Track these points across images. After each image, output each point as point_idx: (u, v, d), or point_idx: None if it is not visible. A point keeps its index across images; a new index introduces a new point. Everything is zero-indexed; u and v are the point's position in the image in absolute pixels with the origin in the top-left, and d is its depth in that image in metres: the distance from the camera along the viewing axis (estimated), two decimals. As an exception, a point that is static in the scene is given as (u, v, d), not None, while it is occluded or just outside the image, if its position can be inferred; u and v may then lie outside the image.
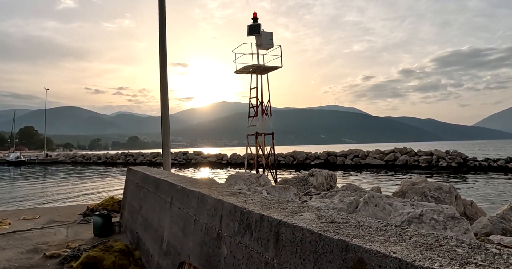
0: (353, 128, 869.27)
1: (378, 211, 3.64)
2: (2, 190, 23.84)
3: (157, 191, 4.80)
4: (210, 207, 3.01)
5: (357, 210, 3.71)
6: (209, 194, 3.14)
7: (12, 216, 8.69)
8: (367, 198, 3.73)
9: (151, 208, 4.98)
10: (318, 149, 59.90)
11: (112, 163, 59.38)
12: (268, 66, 13.77)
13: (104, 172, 40.89)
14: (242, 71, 14.13)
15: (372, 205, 3.67)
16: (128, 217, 6.61)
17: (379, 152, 39.32)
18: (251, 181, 6.66)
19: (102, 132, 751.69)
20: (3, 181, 32.84)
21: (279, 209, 2.42)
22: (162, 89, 9.63)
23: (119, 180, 29.28)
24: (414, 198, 4.95)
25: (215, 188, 3.58)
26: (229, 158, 49.21)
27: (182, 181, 4.27)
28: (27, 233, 6.97)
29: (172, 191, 4.10)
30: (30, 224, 7.80)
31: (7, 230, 7.24)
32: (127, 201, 7.02)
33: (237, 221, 2.53)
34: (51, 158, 72.70)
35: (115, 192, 21.10)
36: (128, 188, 7.11)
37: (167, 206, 4.20)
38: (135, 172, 6.79)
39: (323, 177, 6.80)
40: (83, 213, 8.66)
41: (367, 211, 3.60)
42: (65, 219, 8.22)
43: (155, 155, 57.18)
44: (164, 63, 9.67)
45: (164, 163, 9.76)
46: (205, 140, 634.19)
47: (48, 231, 7.06)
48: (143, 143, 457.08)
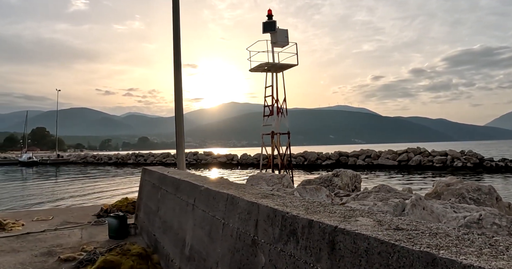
0: (363, 128, 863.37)
1: (426, 214, 3.32)
2: (15, 190, 23.93)
3: (176, 192, 4.54)
4: (242, 211, 2.73)
5: (404, 213, 3.39)
6: (240, 196, 2.86)
7: (26, 217, 8.54)
8: (414, 200, 3.40)
9: (170, 210, 4.73)
10: (328, 149, 59.38)
11: (123, 163, 59.61)
12: (284, 64, 13.44)
13: (115, 172, 40.99)
14: (257, 70, 13.84)
15: (420, 207, 3.35)
16: (144, 218, 6.37)
17: (392, 152, 38.73)
18: (274, 181, 6.36)
19: (113, 133, 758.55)
20: (16, 181, 33.07)
21: (326, 213, 2.13)
22: (176, 89, 9.42)
23: (131, 180, 29.25)
24: (451, 200, 4.61)
25: (243, 189, 3.31)
26: (239, 158, 49.01)
27: (205, 182, 4.01)
28: (41, 234, 6.78)
29: (195, 192, 3.84)
30: (44, 225, 7.62)
31: (20, 231, 7.07)
32: (143, 202, 6.79)
33: (277, 227, 2.24)
34: (63, 159, 73.33)
35: (128, 192, 20.99)
36: (144, 189, 6.88)
37: (189, 208, 3.94)
38: (151, 172, 6.55)
39: (348, 177, 6.48)
40: (97, 214, 8.46)
41: (415, 214, 3.28)
42: (79, 220, 8.03)
43: (165, 155, 57.26)
44: (178, 64, 9.47)
45: (179, 163, 9.55)
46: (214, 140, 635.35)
47: (62, 233, 6.86)
48: (153, 144, 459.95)
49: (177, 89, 9.48)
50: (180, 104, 9.64)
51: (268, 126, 13.86)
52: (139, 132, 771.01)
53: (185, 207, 4.09)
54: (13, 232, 7.03)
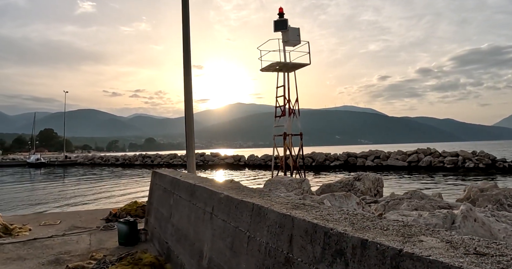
0: (369, 129, 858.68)
1: (478, 227, 2.98)
2: (23, 191, 23.84)
3: (192, 198, 4.25)
4: (272, 223, 2.43)
5: (454, 226, 3.05)
6: (268, 206, 2.56)
7: (33, 221, 8.31)
8: (465, 211, 3.06)
9: (184, 217, 4.43)
10: (334, 150, 58.76)
11: (130, 164, 59.59)
12: (296, 63, 13.07)
13: (123, 174, 40.90)
14: (268, 69, 13.50)
15: (471, 219, 3.01)
16: (155, 224, 6.09)
17: (401, 152, 38.18)
18: (293, 186, 6.04)
19: (119, 134, 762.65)
20: (24, 182, 33.08)
21: (378, 229, 1.82)
22: (186, 91, 9.15)
23: (138, 182, 29.07)
24: (488, 207, 4.27)
25: (268, 198, 3.00)
26: (246, 159, 48.71)
27: (223, 188, 3.71)
28: (48, 240, 6.53)
29: (213, 200, 3.54)
30: (51, 230, 7.38)
31: (27, 237, 6.83)
32: (153, 207, 6.51)
33: (319, 245, 1.94)
34: (70, 160, 73.61)
35: (136, 194, 20.78)
36: (155, 193, 6.60)
37: (207, 217, 3.64)
38: (162, 175, 6.27)
39: (370, 181, 6.13)
40: (106, 218, 8.21)
41: (467, 227, 2.94)
42: (87, 225, 7.78)
43: (172, 156, 57.14)
44: (188, 65, 9.20)
45: (189, 165, 9.25)
46: (220, 141, 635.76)
47: (70, 239, 6.61)
48: (159, 145, 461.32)
49: (187, 91, 9.20)
50: (190, 105, 9.36)
51: (280, 127, 13.51)
52: (146, 133, 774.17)
53: (202, 215, 3.80)
54: (20, 237, 6.80)
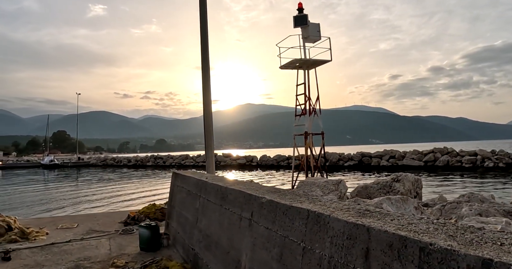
0: (380, 128, 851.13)
1: None
2: (38, 193, 23.84)
3: (223, 202, 3.90)
4: (337, 234, 2.06)
5: None
6: (329, 213, 2.19)
7: (50, 224, 8.07)
8: None
9: (214, 223, 4.09)
10: (346, 150, 57.91)
11: (142, 165, 59.73)
12: (317, 60, 12.63)
13: (135, 175, 40.89)
14: (287, 67, 13.08)
15: None
16: (178, 229, 5.76)
17: (417, 152, 37.41)
18: (329, 188, 5.65)
19: (131, 135, 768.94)
20: (39, 183, 33.22)
21: (490, 244, 1.45)
22: (204, 90, 8.88)
23: (152, 183, 28.93)
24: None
25: (321, 203, 2.64)
26: (258, 159, 48.37)
27: (263, 191, 3.35)
28: (66, 245, 6.25)
29: (252, 205, 3.18)
30: (69, 234, 7.11)
31: (44, 241, 6.56)
32: (175, 210, 6.18)
33: (412, 263, 1.56)
34: (83, 161, 74.24)
35: (151, 195, 20.57)
36: (176, 196, 6.27)
37: (244, 223, 3.29)
38: (184, 177, 5.94)
39: (410, 183, 5.71)
40: (124, 222, 7.92)
41: None
42: (105, 229, 7.50)
43: (183, 157, 57.09)
44: (206, 64, 8.92)
45: (208, 165, 8.96)
46: (231, 142, 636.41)
47: (89, 243, 6.32)
48: (170, 146, 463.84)
49: (206, 90, 8.92)
50: (209, 105, 9.07)
51: (301, 126, 13.08)
52: (156, 134, 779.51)
53: (238, 221, 3.44)
54: (37, 242, 6.54)
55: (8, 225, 7.24)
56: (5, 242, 6.56)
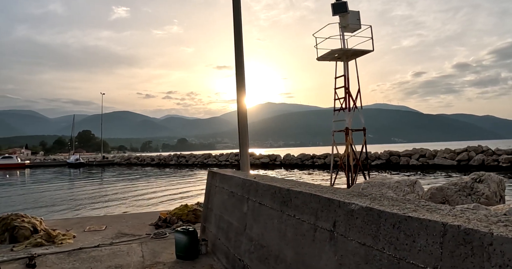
0: (403, 127, 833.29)
1: None
2: (64, 191, 23.83)
3: (285, 207, 3.20)
4: (508, 261, 1.33)
5: None
6: (488, 231, 1.46)
7: (76, 226, 7.58)
8: None
9: (272, 231, 3.39)
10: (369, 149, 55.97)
11: (165, 164, 59.90)
12: (358, 50, 11.71)
13: (159, 174, 40.79)
14: (325, 58, 12.24)
15: None
16: (219, 234, 5.10)
17: (449, 151, 35.77)
18: (403, 189, 4.88)
19: (153, 135, 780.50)
20: (65, 181, 33.49)
21: None
22: (239, 89, 8.29)
23: (178, 182, 28.58)
24: None
25: (442, 211, 1.90)
26: (282, 158, 47.57)
27: (346, 195, 2.63)
28: (95, 250, 5.70)
29: (335, 213, 2.47)
30: (97, 237, 6.58)
31: (71, 245, 6.04)
32: (214, 214, 5.53)
33: None
34: (108, 160, 75.28)
35: (176, 193, 20.13)
36: (215, 197, 5.62)
37: (322, 236, 2.57)
38: (225, 177, 5.28)
39: (495, 184, 4.87)
40: (155, 224, 7.34)
41: None
42: (135, 231, 6.94)
43: (206, 156, 56.88)
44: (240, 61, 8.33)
45: (243, 164, 8.27)
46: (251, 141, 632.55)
47: (119, 249, 5.75)
48: (191, 145, 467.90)
49: (240, 89, 8.34)
50: (243, 102, 8.47)
51: (341, 122, 12.22)
52: (178, 134, 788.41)
53: (310, 232, 2.73)
54: (64, 246, 6.02)
55: (33, 227, 6.78)
56: (31, 246, 6.08)
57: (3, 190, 26.39)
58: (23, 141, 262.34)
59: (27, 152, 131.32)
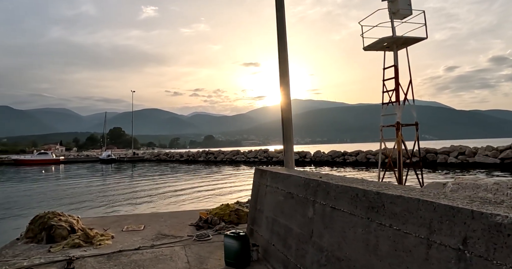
0: (434, 123, 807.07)
1: None
2: (98, 187, 24.06)
3: (373, 214, 2.61)
4: None
5: None
6: None
7: (114, 225, 7.25)
8: None
9: (354, 243, 2.81)
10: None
11: (194, 160, 60.23)
12: (410, 37, 10.79)
13: (189, 170, 40.86)
14: (373, 47, 11.37)
15: None
16: (272, 239, 4.56)
17: (491, 148, 33.84)
18: (505, 192, 4.18)
19: (180, 132, 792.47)
20: (97, 177, 34.04)
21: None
22: (282, 76, 7.80)
23: (209, 179, 28.35)
24: None
25: None
26: (312, 155, 46.68)
27: (466, 202, 2.01)
28: (136, 254, 5.29)
29: (468, 226, 1.85)
30: (136, 238, 6.19)
31: (110, 247, 5.67)
32: (265, 216, 5.00)
33: None
34: (138, 156, 76.68)
35: (209, 189, 19.82)
36: (266, 198, 5.08)
37: (443, 255, 1.97)
38: (278, 175, 4.72)
39: None
40: (196, 224, 6.89)
41: None
42: (176, 232, 6.51)
43: (235, 153, 56.71)
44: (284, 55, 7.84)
45: (287, 160, 7.71)
46: (277, 138, 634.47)
47: (161, 252, 5.31)
48: (218, 142, 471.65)
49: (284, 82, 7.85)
50: (288, 96, 7.96)
51: (390, 116, 11.40)
52: (204, 131, 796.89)
53: (420, 248, 2.13)
54: (103, 248, 5.65)
55: (71, 226, 6.47)
56: (68, 247, 5.75)
57: (39, 186, 26.99)
58: (57, 137, 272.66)
59: (61, 148, 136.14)
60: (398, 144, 10.88)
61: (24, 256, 5.33)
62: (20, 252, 5.55)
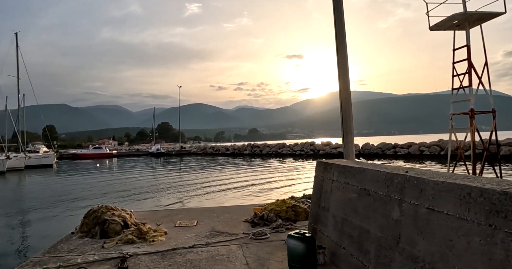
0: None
1: None
2: (149, 180, 24.60)
3: (499, 221, 2.00)
4: None
5: None
6: None
7: (166, 220, 7.04)
8: None
9: (468, 255, 2.21)
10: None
11: (240, 154, 60.49)
12: (485, 12, 9.55)
13: (236, 163, 40.96)
14: (441, 26, 10.19)
15: None
16: (343, 242, 4.03)
17: None
18: None
19: (225, 125, 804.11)
20: (146, 169, 35.01)
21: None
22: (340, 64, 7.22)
23: (257, 171, 28.11)
24: None
25: None
26: (360, 148, 45.09)
27: None
28: (191, 252, 4.97)
29: None
30: (190, 235, 5.90)
31: (164, 244, 5.40)
32: (332, 215, 4.46)
33: None
34: (185, 150, 78.64)
35: (258, 183, 19.51)
36: (332, 194, 4.54)
37: None
38: (348, 169, 4.16)
39: None
40: (251, 221, 6.50)
41: None
42: (230, 229, 6.15)
43: (280, 146, 56.20)
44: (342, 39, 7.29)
45: (347, 153, 7.10)
46: (322, 130, 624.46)
47: (217, 252, 4.95)
48: (262, 135, 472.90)
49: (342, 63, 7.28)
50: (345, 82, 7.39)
51: (463, 102, 10.28)
52: (248, 124, 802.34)
53: None
54: (156, 245, 5.40)
55: (124, 221, 6.32)
56: (121, 243, 5.56)
57: (94, 178, 28.12)
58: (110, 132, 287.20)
59: (114, 143, 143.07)
60: (472, 134, 9.77)
61: (78, 252, 5.20)
62: (74, 247, 5.44)
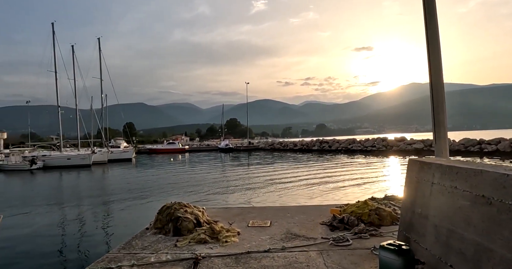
0: None
1: None
2: (219, 174, 24.99)
3: None
4: None
5: None
6: None
7: (238, 219, 6.76)
8: None
9: None
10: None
11: (308, 149, 59.61)
12: None
13: (304, 159, 40.29)
14: None
15: None
16: (449, 258, 3.34)
17: None
18: None
19: (292, 121, 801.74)
20: (216, 164, 35.81)
21: None
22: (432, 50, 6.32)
23: (329, 169, 27.28)
24: None
25: None
26: (440, 144, 41.73)
27: None
28: (266, 257, 4.58)
29: None
30: (264, 237, 5.53)
31: (237, 246, 5.09)
32: (433, 224, 3.76)
33: None
34: (253, 145, 79.77)
35: (331, 181, 18.80)
36: (433, 200, 3.83)
37: None
38: (453, 169, 3.44)
39: None
40: (329, 224, 5.95)
41: None
42: (306, 232, 5.67)
43: (350, 141, 54.29)
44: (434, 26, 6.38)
45: (438, 149, 6.19)
46: (393, 125, 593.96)
47: (295, 258, 4.50)
48: (330, 130, 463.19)
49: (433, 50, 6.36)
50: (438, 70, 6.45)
51: None
52: (316, 119, 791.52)
53: None
54: (229, 246, 5.10)
55: (196, 219, 6.14)
56: (194, 242, 5.36)
57: (168, 172, 29.32)
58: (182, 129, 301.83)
59: (186, 138, 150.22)
60: None
61: (152, 249, 5.08)
62: (148, 244, 5.35)
